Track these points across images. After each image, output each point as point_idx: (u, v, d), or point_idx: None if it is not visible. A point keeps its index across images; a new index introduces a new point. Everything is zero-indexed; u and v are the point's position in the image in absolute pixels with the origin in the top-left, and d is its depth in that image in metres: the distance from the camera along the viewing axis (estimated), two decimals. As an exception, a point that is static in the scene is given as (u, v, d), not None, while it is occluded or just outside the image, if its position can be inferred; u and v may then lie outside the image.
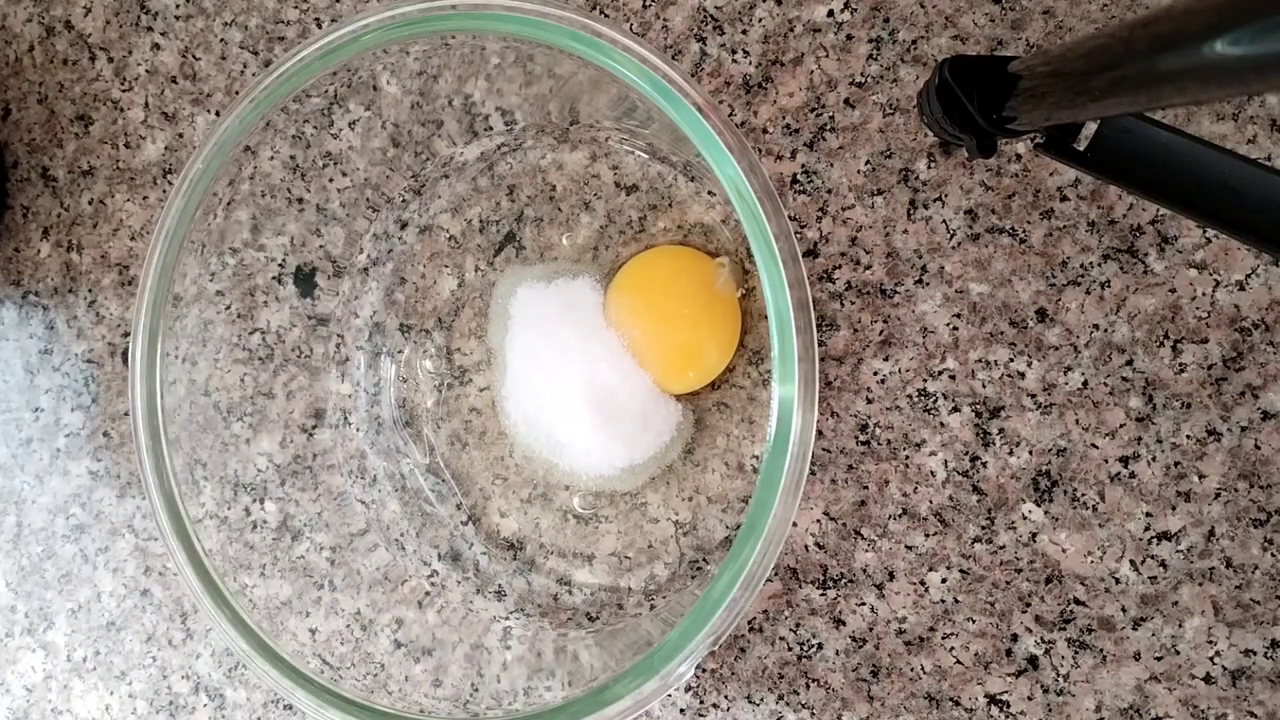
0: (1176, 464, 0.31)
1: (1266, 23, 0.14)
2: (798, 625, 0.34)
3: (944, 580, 0.32)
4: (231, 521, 0.34)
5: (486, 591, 0.36)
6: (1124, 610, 0.31)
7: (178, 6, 0.41)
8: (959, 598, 0.32)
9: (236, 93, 0.40)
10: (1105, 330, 0.31)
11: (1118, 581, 0.31)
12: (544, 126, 0.36)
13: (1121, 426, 0.31)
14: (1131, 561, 0.31)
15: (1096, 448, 0.31)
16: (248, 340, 0.36)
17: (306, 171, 0.35)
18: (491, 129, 0.36)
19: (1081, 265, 0.31)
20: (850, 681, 0.33)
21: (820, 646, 0.33)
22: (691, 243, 0.35)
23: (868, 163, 0.33)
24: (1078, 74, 0.20)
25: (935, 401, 0.33)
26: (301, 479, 0.36)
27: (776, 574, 0.34)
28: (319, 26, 0.39)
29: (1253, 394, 0.30)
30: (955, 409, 0.32)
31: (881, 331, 0.33)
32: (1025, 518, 0.32)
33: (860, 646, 0.33)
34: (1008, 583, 0.32)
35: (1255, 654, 0.30)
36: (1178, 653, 0.30)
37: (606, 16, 0.36)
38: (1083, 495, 0.31)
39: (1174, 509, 0.31)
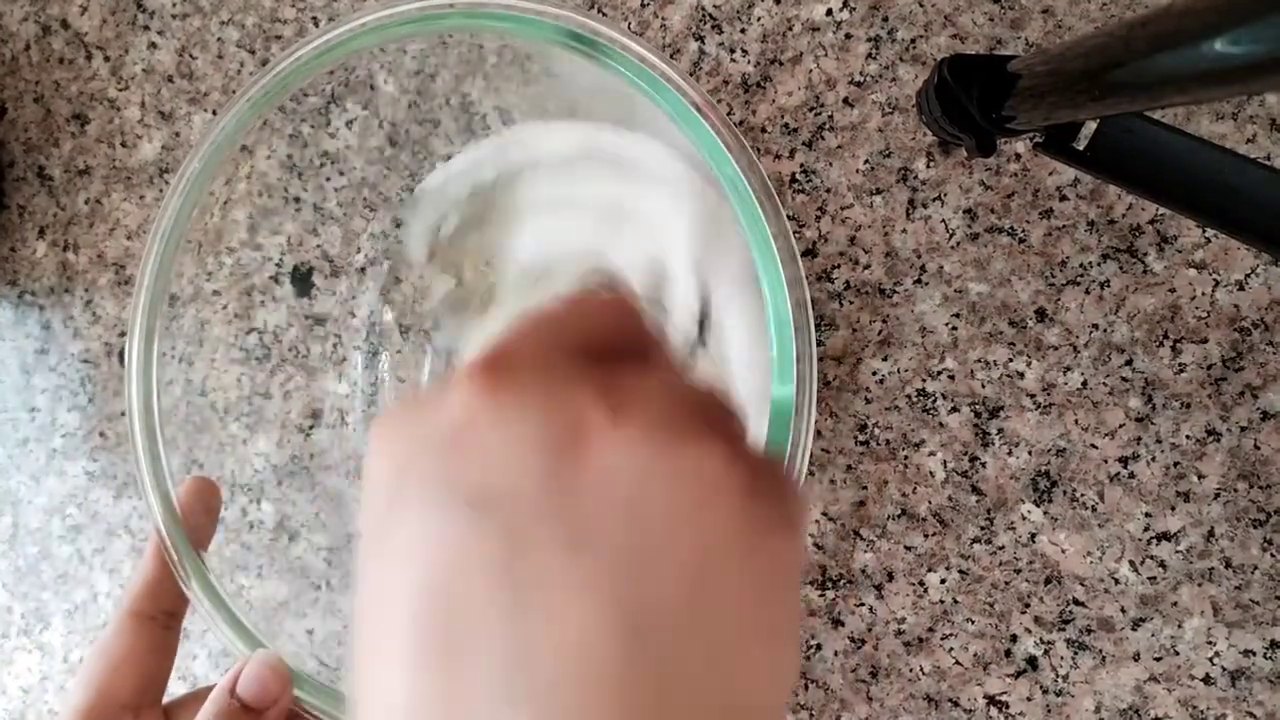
0: (1176, 464, 0.31)
1: (1266, 23, 0.14)
2: (796, 626, 0.34)
3: (943, 581, 0.32)
4: (228, 522, 0.34)
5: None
6: (1123, 611, 0.31)
7: (174, 5, 0.40)
8: (958, 598, 0.32)
9: (233, 92, 0.40)
10: (1104, 330, 0.31)
11: (1117, 582, 0.31)
12: (542, 126, 0.35)
13: (1121, 426, 0.31)
14: (1131, 562, 0.31)
15: (1096, 448, 0.31)
16: (244, 340, 0.36)
17: (304, 171, 0.35)
18: (489, 128, 0.36)
19: (1081, 265, 0.31)
20: (849, 682, 0.33)
21: (819, 647, 0.33)
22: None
23: (866, 162, 0.33)
24: (1077, 73, 0.20)
25: (934, 401, 0.33)
26: (298, 479, 0.36)
27: (775, 574, 0.34)
28: (316, 25, 0.39)
29: (1252, 394, 0.30)
30: (954, 409, 0.32)
31: (880, 331, 0.33)
32: (1024, 518, 0.32)
33: (859, 647, 0.33)
34: (1007, 583, 0.32)
35: (1255, 654, 0.30)
36: (1177, 653, 0.30)
37: (605, 15, 0.36)
38: (1082, 495, 0.31)
39: (1173, 509, 0.31)
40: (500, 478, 0.14)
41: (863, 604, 0.33)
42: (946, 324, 0.32)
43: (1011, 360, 0.32)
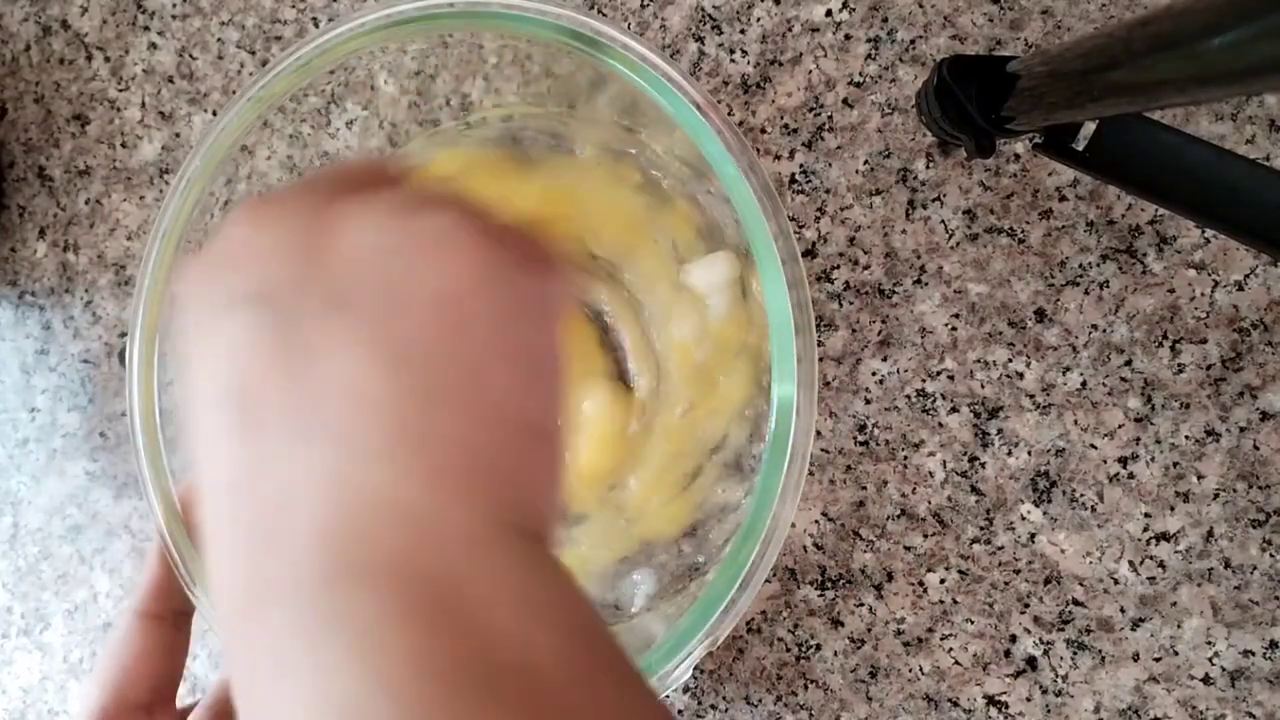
0: (1175, 464, 0.31)
1: (1265, 23, 0.14)
2: (796, 626, 0.34)
3: (942, 581, 0.32)
4: (228, 522, 0.34)
5: (484, 592, 0.36)
6: (1123, 611, 0.31)
7: (175, 6, 0.41)
8: (957, 598, 0.32)
9: (233, 92, 0.40)
10: (1104, 330, 0.31)
11: (1116, 582, 0.31)
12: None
13: (1120, 427, 0.31)
14: (1130, 562, 0.31)
15: (1095, 448, 0.31)
16: (245, 340, 0.36)
17: (304, 171, 0.35)
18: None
19: (1080, 265, 0.31)
20: (849, 682, 0.33)
21: (819, 647, 0.33)
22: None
23: (866, 163, 0.33)
24: (1076, 74, 0.20)
25: (934, 402, 0.33)
26: (299, 479, 0.36)
27: (775, 574, 0.34)
28: (316, 25, 0.39)
29: (1251, 394, 0.30)
30: (954, 409, 0.32)
31: (880, 332, 0.33)
32: (1024, 518, 0.32)
33: (859, 647, 0.33)
34: (1006, 583, 0.32)
35: (1254, 654, 0.30)
36: (1176, 653, 0.30)
37: (605, 16, 0.36)
38: (1081, 496, 0.31)
39: (1173, 509, 0.31)
40: (268, 273, 0.16)
41: (862, 604, 0.33)
42: (946, 324, 0.32)
43: (1011, 360, 0.32)
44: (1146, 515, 0.31)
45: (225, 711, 0.25)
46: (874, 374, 0.33)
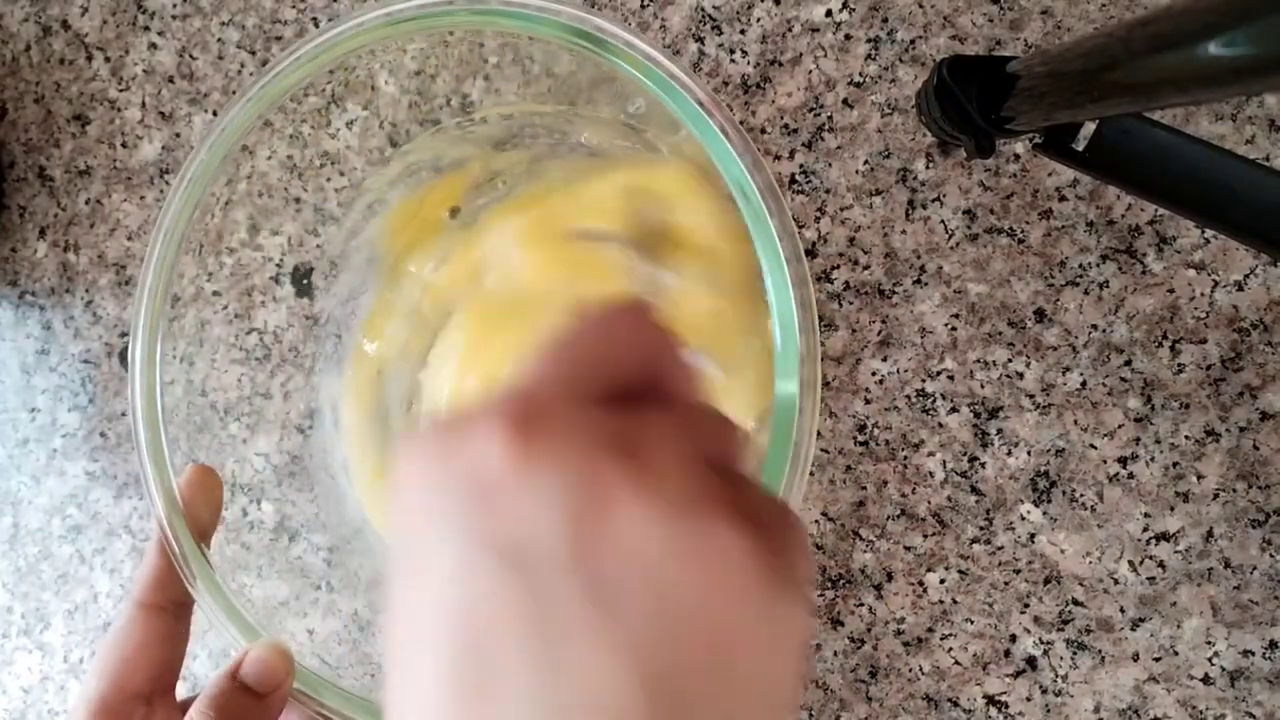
0: (1175, 464, 0.31)
1: (1265, 23, 0.14)
2: (796, 626, 0.34)
3: (942, 581, 0.32)
4: (229, 522, 0.34)
5: (484, 592, 0.36)
6: (1122, 611, 0.31)
7: (175, 6, 0.41)
8: (957, 598, 0.32)
9: (234, 92, 0.40)
10: (1104, 330, 0.31)
11: (1116, 582, 0.31)
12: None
13: (1120, 427, 0.31)
14: (1130, 562, 0.31)
15: (1095, 448, 0.31)
16: (245, 340, 0.36)
17: (304, 171, 0.35)
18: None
19: (1080, 265, 0.31)
20: (849, 682, 0.33)
21: (818, 647, 0.33)
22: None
23: (866, 163, 0.33)
24: (1076, 74, 0.20)
25: (934, 402, 0.33)
26: (298, 479, 0.36)
27: (775, 574, 0.34)
28: (316, 25, 0.39)
29: (1251, 394, 0.30)
30: (954, 409, 0.32)
31: (880, 332, 0.33)
32: (1024, 518, 0.32)
33: (859, 647, 0.33)
34: (1006, 583, 0.32)
35: (1254, 654, 0.30)
36: (1176, 653, 0.30)
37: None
38: (1081, 496, 0.31)
39: (1172, 509, 0.31)
40: (529, 536, 0.15)
41: (862, 604, 0.33)
42: (946, 324, 0.33)
43: (1011, 360, 0.32)
44: (1146, 515, 0.31)
45: (226, 707, 0.25)
46: (874, 374, 0.33)
